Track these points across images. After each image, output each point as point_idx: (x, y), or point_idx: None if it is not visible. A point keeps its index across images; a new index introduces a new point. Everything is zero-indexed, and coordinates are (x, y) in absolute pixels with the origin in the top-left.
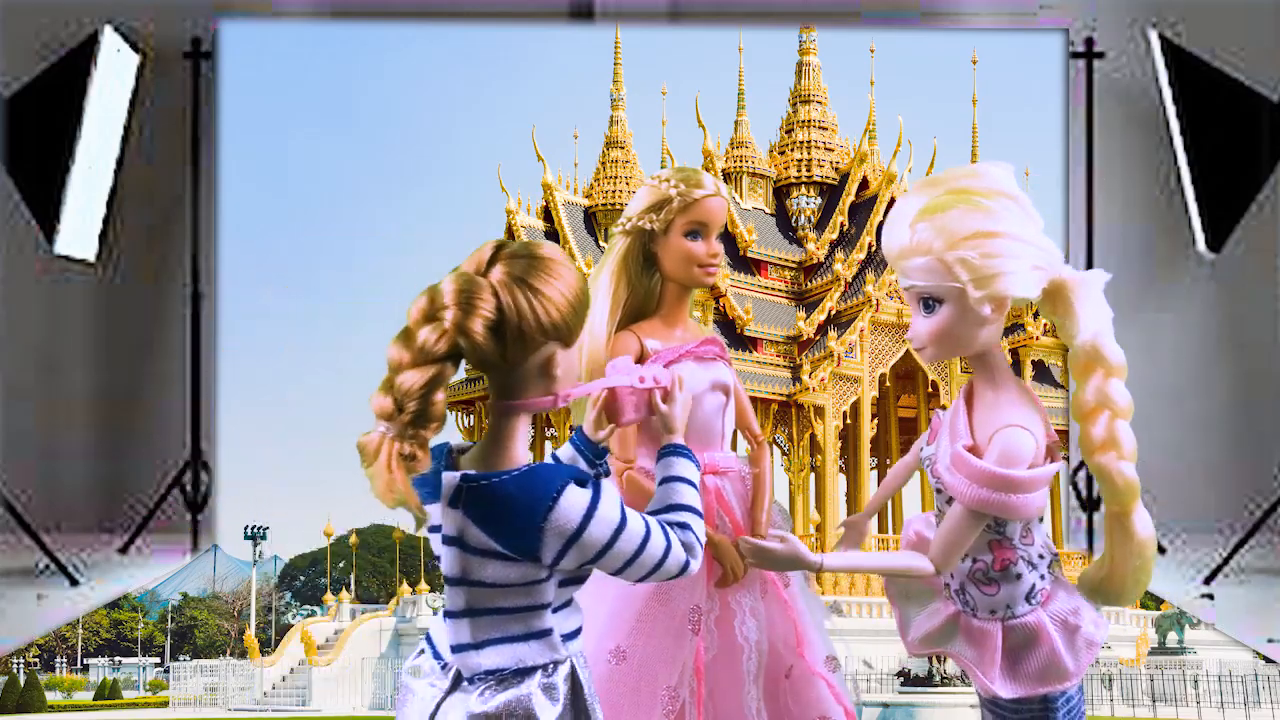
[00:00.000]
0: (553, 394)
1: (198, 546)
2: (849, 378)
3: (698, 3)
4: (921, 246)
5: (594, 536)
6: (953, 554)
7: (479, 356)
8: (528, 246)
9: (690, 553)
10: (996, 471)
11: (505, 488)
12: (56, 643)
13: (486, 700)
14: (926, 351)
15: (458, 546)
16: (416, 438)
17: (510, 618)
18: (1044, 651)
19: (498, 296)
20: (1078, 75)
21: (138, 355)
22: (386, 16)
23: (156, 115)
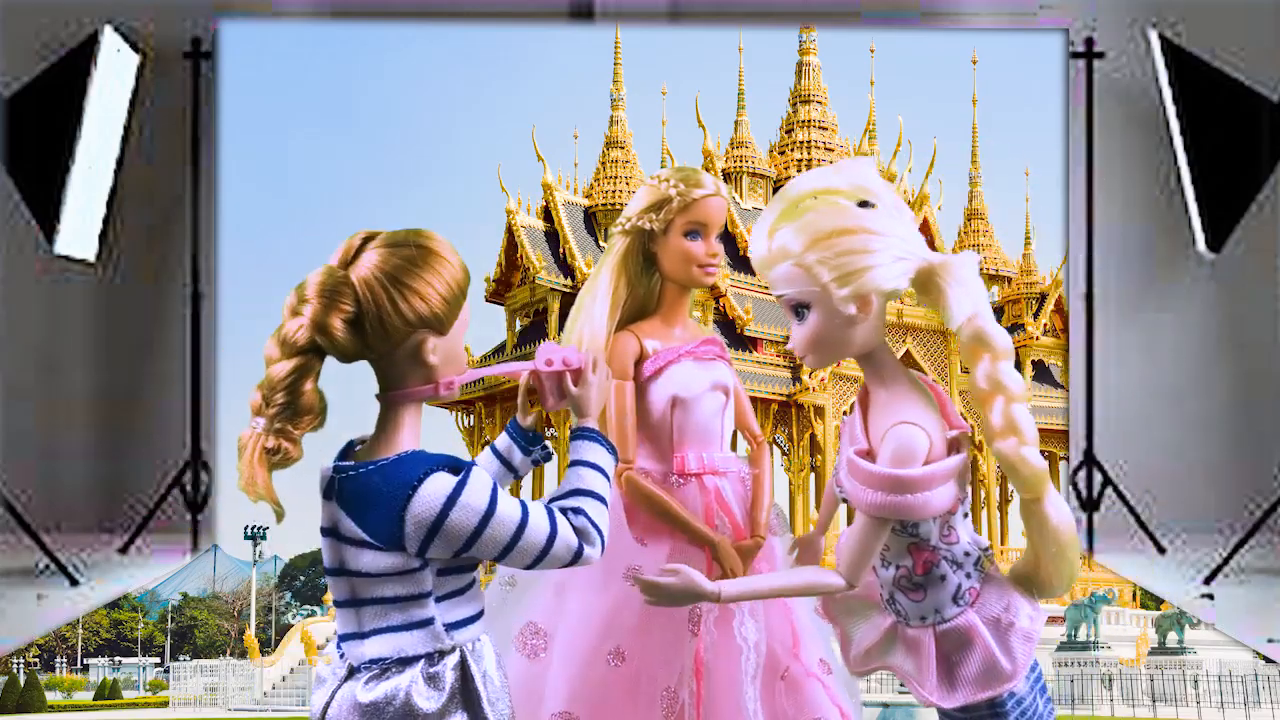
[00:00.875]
0: (433, 381)
1: (198, 546)
2: (849, 378)
3: (698, 3)
4: (780, 253)
5: (456, 524)
6: (860, 564)
7: (340, 350)
8: (394, 236)
9: (584, 538)
10: (889, 473)
11: (370, 477)
12: (56, 643)
13: (370, 689)
14: (808, 359)
15: (332, 537)
16: (284, 432)
17: (391, 607)
18: (978, 654)
19: (356, 290)
20: (1078, 75)
21: (138, 355)
22: (386, 16)
23: (156, 115)
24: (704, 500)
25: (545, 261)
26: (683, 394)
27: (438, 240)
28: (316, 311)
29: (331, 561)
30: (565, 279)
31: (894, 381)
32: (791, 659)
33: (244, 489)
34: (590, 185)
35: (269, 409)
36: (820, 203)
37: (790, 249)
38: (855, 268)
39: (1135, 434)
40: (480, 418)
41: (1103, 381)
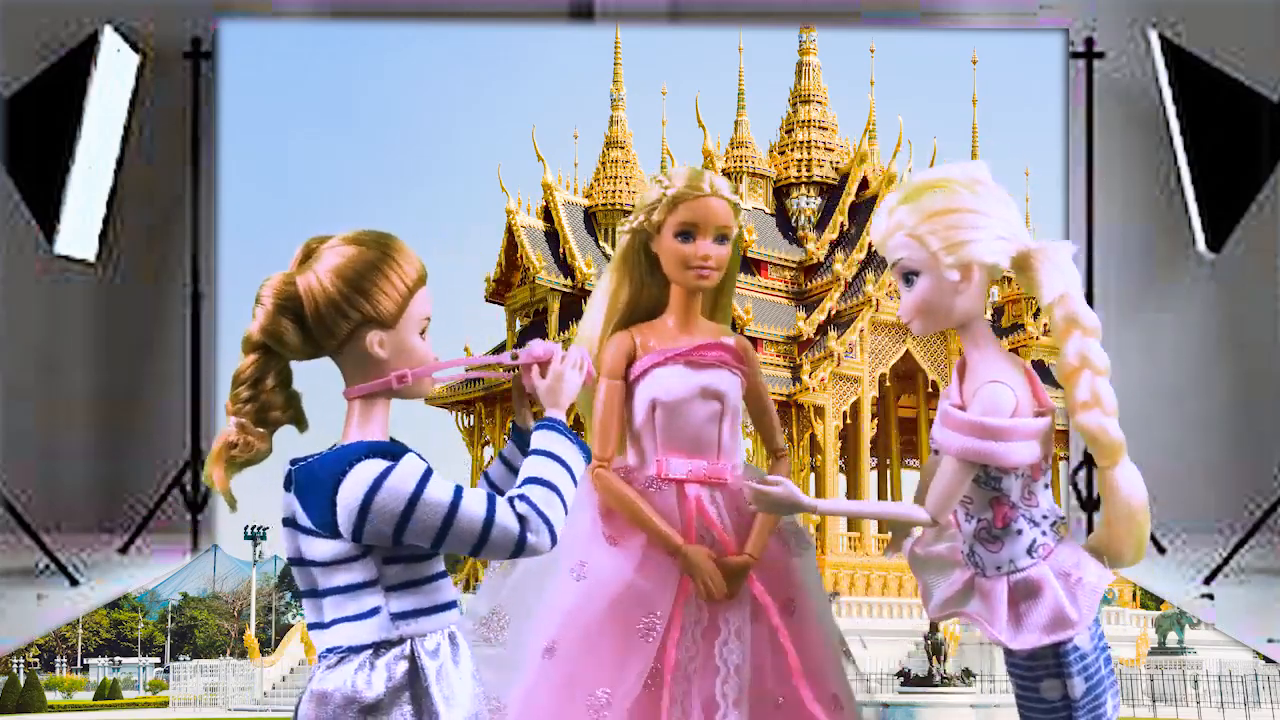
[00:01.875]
0: (386, 374)
1: (198, 546)
2: (849, 378)
3: (698, 3)
4: (896, 226)
5: (382, 507)
6: (945, 503)
7: (289, 349)
8: (345, 238)
9: (526, 525)
10: (977, 420)
11: (312, 466)
12: (56, 643)
13: (323, 679)
14: (914, 324)
15: (290, 527)
16: (245, 427)
17: (346, 597)
18: (1047, 602)
19: (299, 292)
20: (1078, 75)
21: (138, 355)
22: (386, 16)
23: (156, 115)
24: (683, 508)
25: (545, 261)
26: (663, 398)
27: (386, 238)
28: (267, 313)
29: (291, 552)
30: (565, 279)
31: (986, 349)
32: (787, 688)
33: (205, 481)
34: (590, 185)
35: (234, 405)
36: (936, 186)
37: (905, 223)
38: (960, 239)
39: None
40: (480, 418)
41: None
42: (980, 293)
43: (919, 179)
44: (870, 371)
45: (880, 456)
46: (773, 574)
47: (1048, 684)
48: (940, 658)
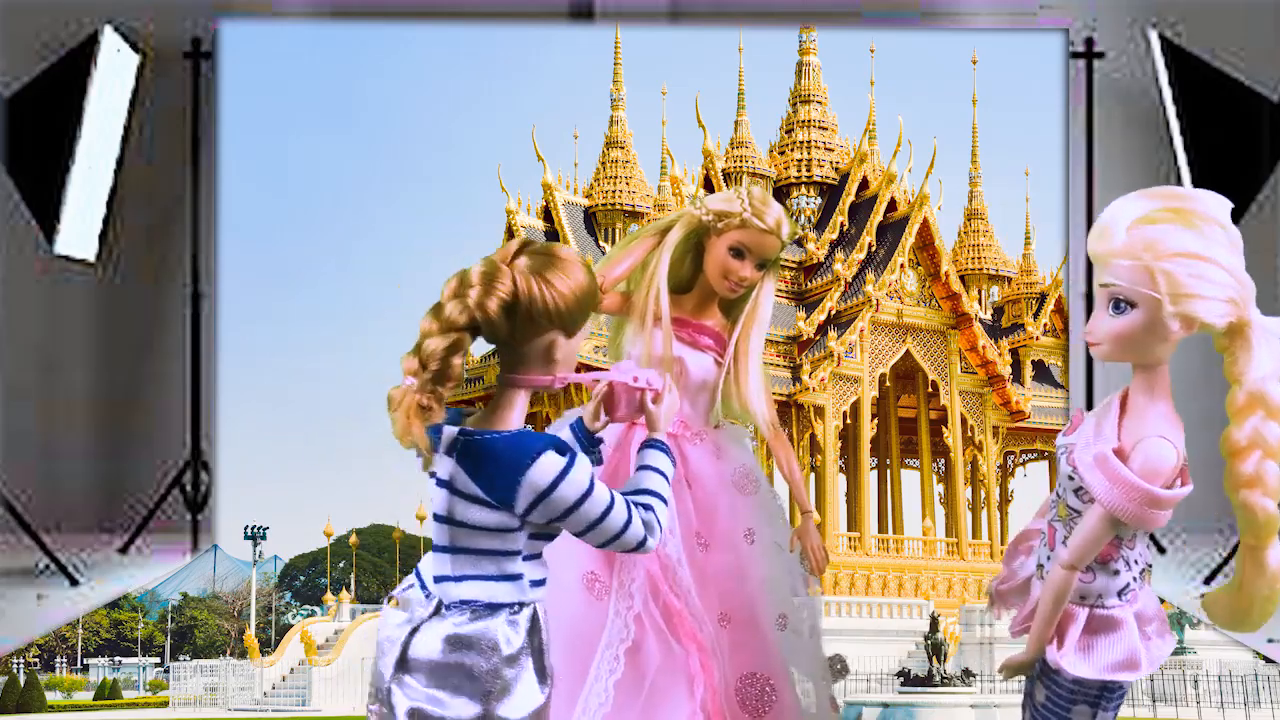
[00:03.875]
0: (551, 375)
1: (198, 546)
2: (849, 378)
3: (698, 3)
4: (1131, 250)
5: (562, 496)
6: (1087, 554)
7: (492, 331)
8: (549, 246)
9: (649, 530)
10: (1147, 488)
11: (494, 444)
12: (56, 643)
13: (460, 626)
14: (1101, 349)
15: (447, 489)
16: (434, 393)
17: (486, 558)
18: (1123, 641)
19: (515, 283)
20: (1078, 75)
21: (138, 355)
22: (386, 16)
23: (156, 115)
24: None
25: None
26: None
27: (581, 258)
28: (479, 294)
29: (442, 510)
30: None
31: (1160, 399)
32: (734, 608)
33: (398, 437)
34: (590, 185)
35: (424, 373)
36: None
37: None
38: (1193, 292)
39: None
40: None
41: (1103, 381)
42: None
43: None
44: (870, 371)
45: (880, 456)
46: (734, 509)
47: (1080, 710)
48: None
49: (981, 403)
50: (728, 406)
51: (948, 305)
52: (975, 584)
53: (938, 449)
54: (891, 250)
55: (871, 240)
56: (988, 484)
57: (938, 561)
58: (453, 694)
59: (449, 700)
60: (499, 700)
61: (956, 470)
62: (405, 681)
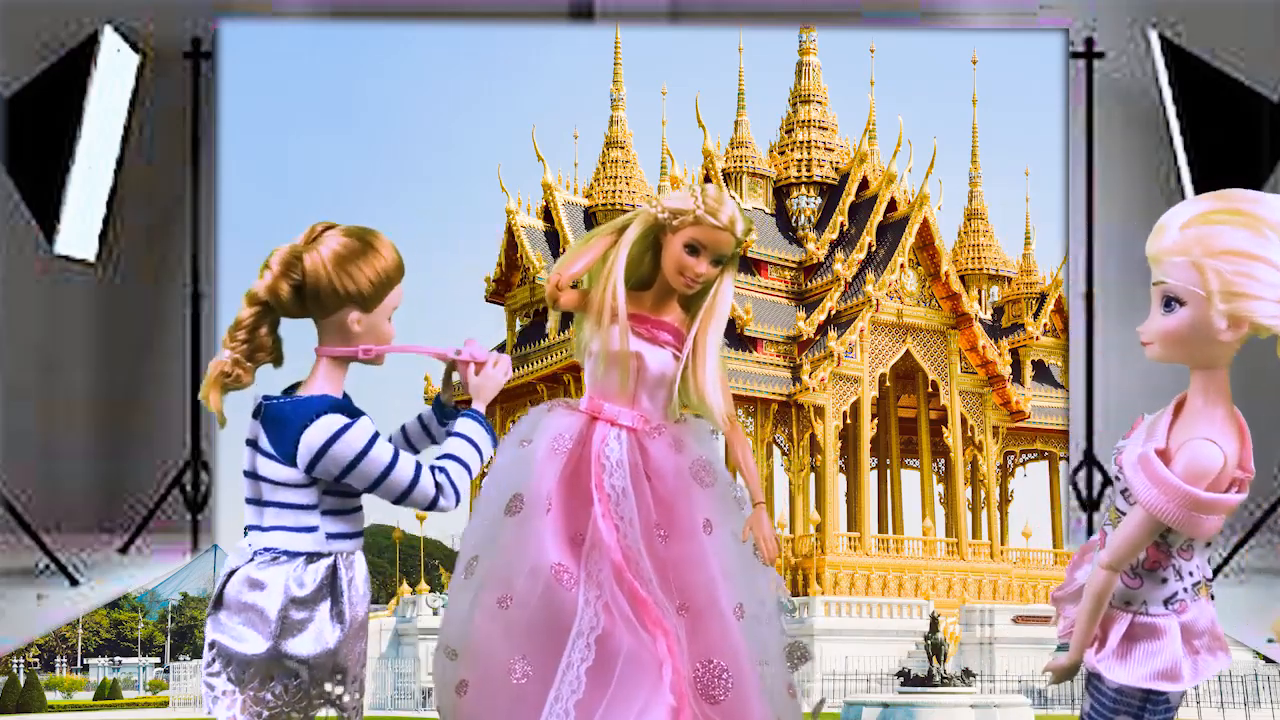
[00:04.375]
0: (353, 346)
1: (198, 546)
2: (849, 378)
3: (698, 3)
4: (1182, 247)
5: (339, 454)
6: (1127, 556)
7: (285, 309)
8: (350, 230)
9: (441, 491)
10: (1188, 490)
11: (283, 408)
12: (56, 643)
13: (259, 570)
14: (1152, 349)
15: (253, 448)
16: (239, 363)
17: (285, 511)
18: (1164, 651)
19: (304, 264)
20: (1078, 75)
21: (138, 355)
22: (386, 16)
23: (156, 115)
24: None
25: (545, 261)
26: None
27: (378, 237)
28: (274, 276)
29: (248, 466)
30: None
31: (1215, 401)
32: (688, 598)
33: (201, 399)
34: (590, 185)
35: (231, 343)
36: (1237, 219)
37: (1193, 248)
38: (1243, 291)
39: None
40: None
41: (1103, 381)
42: (1236, 345)
43: (1224, 201)
44: (870, 371)
45: (880, 456)
46: (689, 497)
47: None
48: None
49: (981, 403)
50: (685, 399)
51: (948, 305)
52: (975, 584)
53: (938, 449)
54: (891, 250)
55: (871, 240)
56: (988, 484)
57: (938, 561)
58: (248, 628)
59: (245, 633)
60: (287, 637)
61: (956, 470)
62: (218, 617)
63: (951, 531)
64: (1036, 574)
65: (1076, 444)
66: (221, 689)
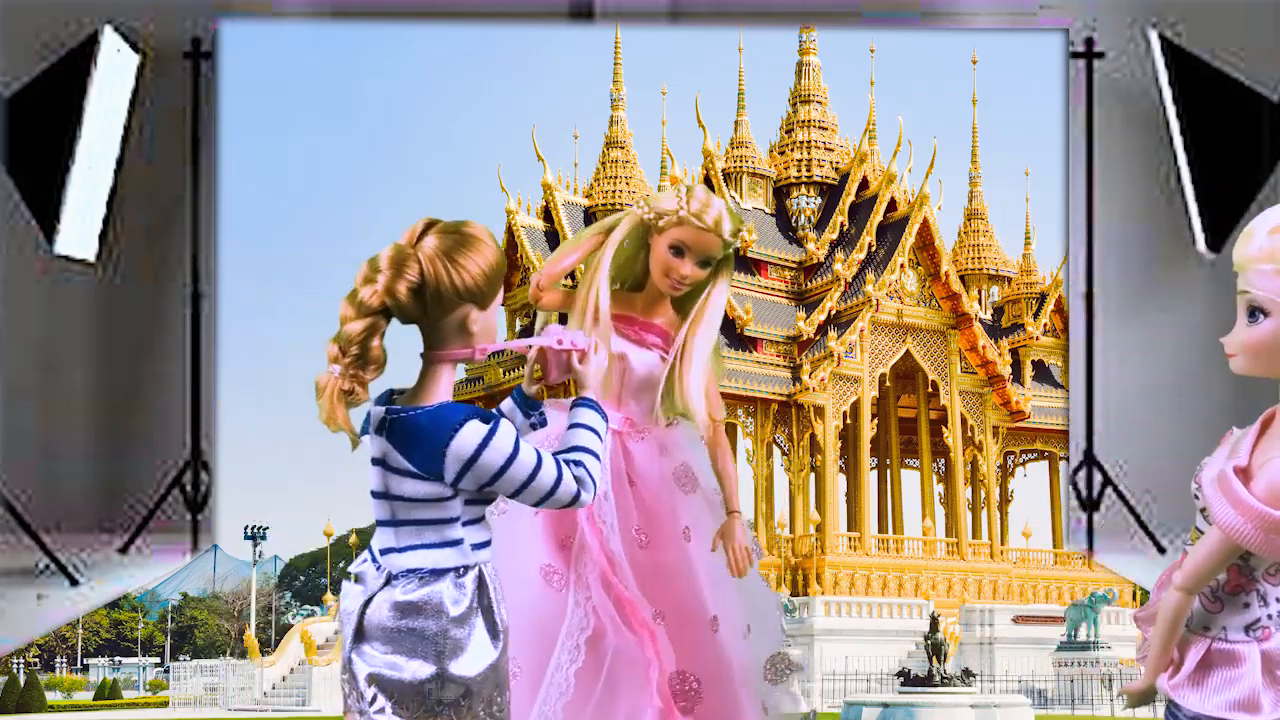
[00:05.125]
0: (470, 347)
1: (198, 546)
2: (849, 378)
3: (698, 3)
4: (1269, 254)
5: (488, 462)
6: (1203, 578)
7: (404, 313)
8: (454, 225)
9: (581, 485)
10: (1267, 512)
11: (418, 419)
12: (56, 643)
13: (409, 593)
14: (1236, 360)
15: (381, 466)
16: (357, 377)
17: (426, 528)
18: (1244, 679)
19: (421, 265)
20: (1078, 75)
21: (138, 355)
22: (386, 16)
23: (156, 115)
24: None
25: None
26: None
27: (484, 230)
28: (388, 280)
29: (378, 486)
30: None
31: None
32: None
33: (325, 422)
34: (590, 185)
35: (345, 358)
36: None
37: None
38: None
39: (1135, 434)
40: None
41: (1103, 381)
42: None
43: None
44: (870, 371)
45: (880, 456)
46: (667, 508)
47: None
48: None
49: (981, 403)
50: (669, 402)
51: (948, 305)
52: (975, 584)
53: (938, 449)
54: (891, 250)
55: (871, 240)
56: (988, 484)
57: (938, 561)
58: (408, 657)
59: (405, 663)
60: (451, 658)
61: (956, 470)
62: (363, 650)
63: (951, 531)
64: (1036, 574)
65: (1076, 444)
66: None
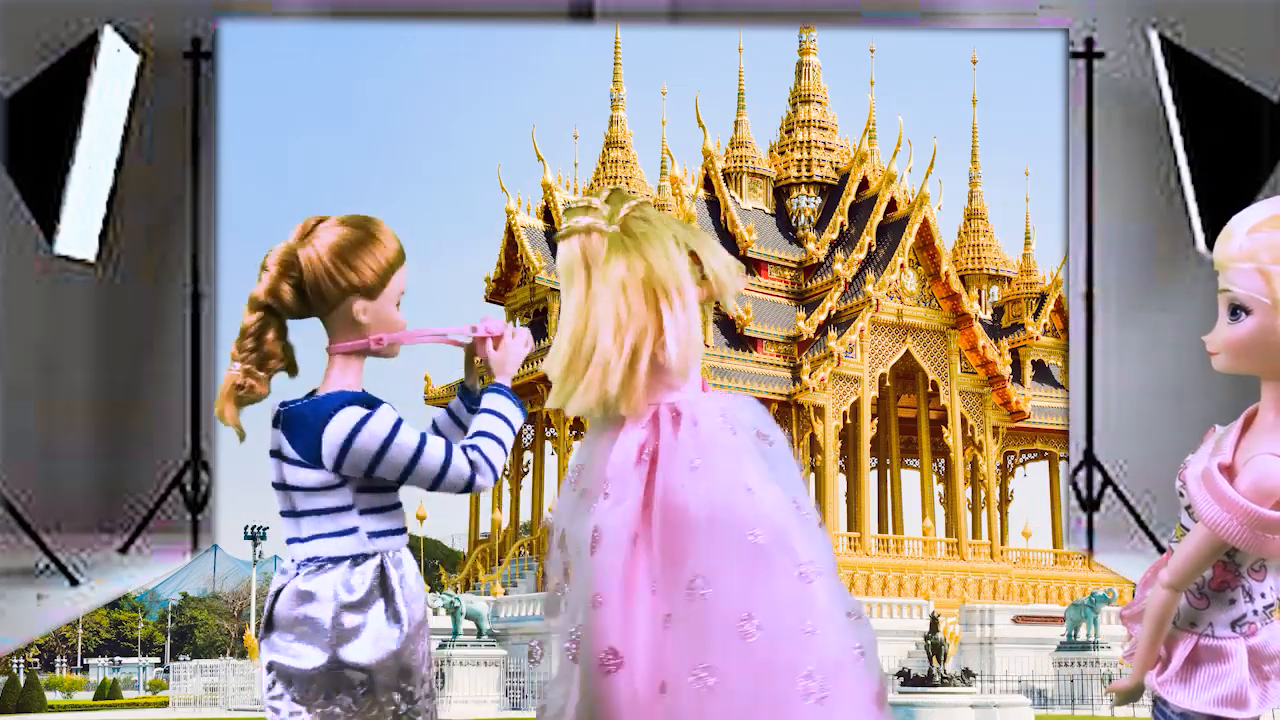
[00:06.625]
0: (365, 338)
1: (198, 546)
2: (849, 378)
3: (698, 3)
4: (1248, 253)
5: (363, 447)
6: (1189, 575)
7: (288, 309)
8: (345, 219)
9: (476, 469)
10: (1252, 509)
11: (301, 409)
12: (56, 643)
13: (308, 581)
14: (1218, 359)
15: (277, 457)
16: (251, 373)
17: (323, 517)
18: (1230, 675)
19: (299, 260)
20: (1078, 75)
21: (138, 355)
22: (386, 16)
23: (156, 115)
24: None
25: (545, 261)
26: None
27: (375, 223)
28: (272, 278)
29: (276, 478)
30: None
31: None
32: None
33: (218, 416)
34: (590, 185)
35: (240, 354)
36: None
37: (1260, 254)
38: None
39: (1135, 434)
40: None
41: (1103, 381)
42: None
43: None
44: (870, 371)
45: (880, 456)
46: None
47: None
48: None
49: (981, 403)
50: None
51: (948, 305)
52: (975, 584)
53: (938, 449)
54: (891, 250)
55: (871, 240)
56: (988, 484)
57: (938, 561)
58: (303, 643)
59: (301, 649)
60: (343, 646)
61: (956, 470)
62: (272, 639)
63: (951, 531)
64: (1036, 574)
65: (1076, 444)
66: (288, 711)
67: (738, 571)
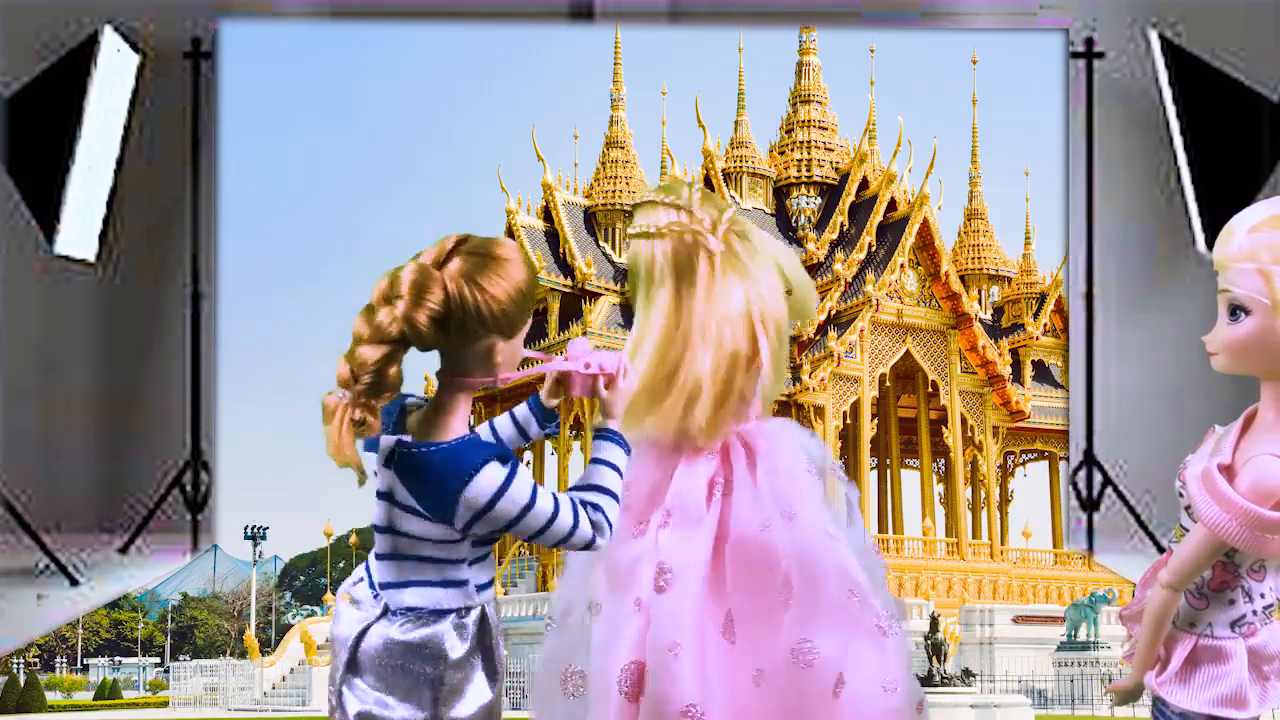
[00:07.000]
0: (493, 375)
1: (198, 546)
2: (849, 378)
3: (698, 3)
4: (1248, 253)
5: (501, 512)
6: (1189, 575)
7: (422, 342)
8: (485, 244)
9: (598, 530)
10: (1251, 509)
11: (431, 458)
12: (56, 643)
13: (406, 632)
14: (1218, 359)
15: (387, 500)
16: (368, 406)
17: (429, 566)
18: (1230, 675)
19: (446, 290)
20: (1078, 75)
21: (138, 355)
22: (386, 16)
23: (156, 115)
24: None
25: (545, 261)
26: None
27: (515, 249)
28: (408, 306)
29: (382, 520)
30: (565, 279)
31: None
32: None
33: (332, 455)
34: (590, 185)
35: (356, 385)
36: None
37: (1260, 254)
38: None
39: (1135, 434)
40: (480, 417)
41: (1103, 381)
42: None
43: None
44: (870, 371)
45: (880, 456)
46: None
47: None
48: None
49: (981, 403)
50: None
51: (948, 305)
52: (975, 584)
53: (938, 449)
54: (891, 250)
55: (871, 240)
56: (988, 484)
57: (938, 561)
58: (400, 699)
59: (396, 705)
60: (447, 704)
61: (956, 470)
62: (354, 683)
63: (951, 531)
64: (1036, 574)
65: (1076, 444)
66: None
67: (835, 634)
